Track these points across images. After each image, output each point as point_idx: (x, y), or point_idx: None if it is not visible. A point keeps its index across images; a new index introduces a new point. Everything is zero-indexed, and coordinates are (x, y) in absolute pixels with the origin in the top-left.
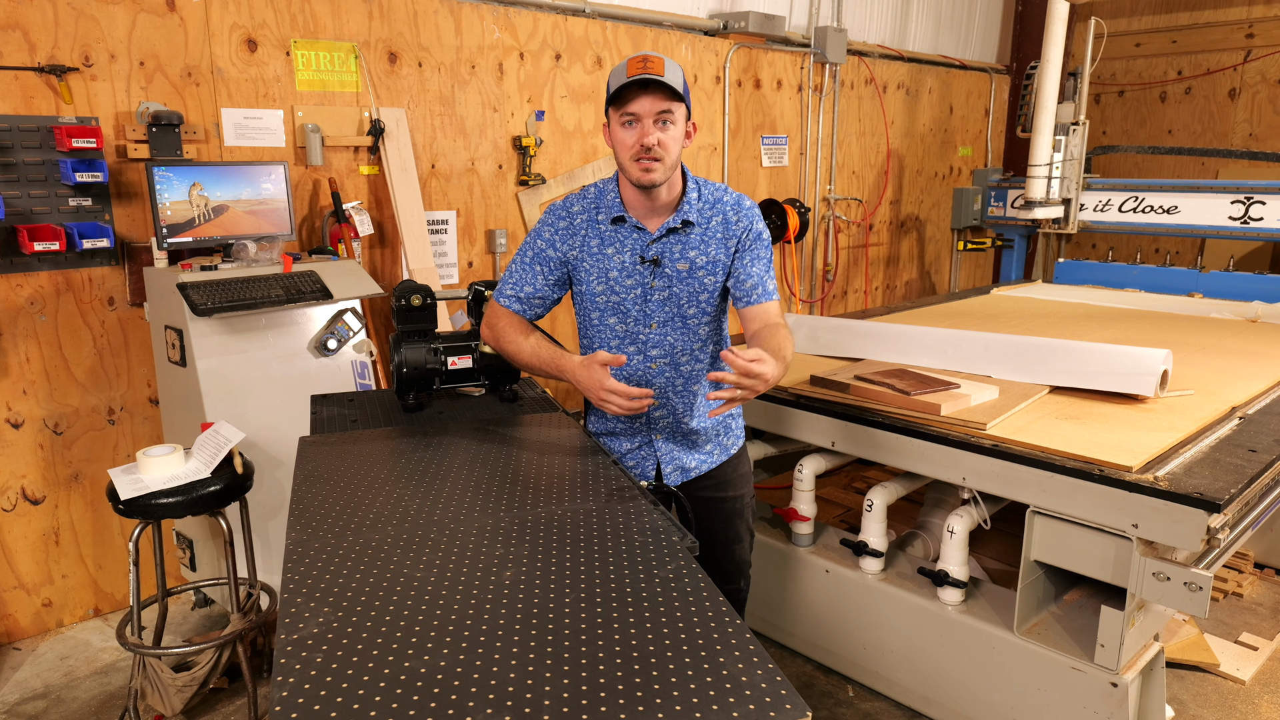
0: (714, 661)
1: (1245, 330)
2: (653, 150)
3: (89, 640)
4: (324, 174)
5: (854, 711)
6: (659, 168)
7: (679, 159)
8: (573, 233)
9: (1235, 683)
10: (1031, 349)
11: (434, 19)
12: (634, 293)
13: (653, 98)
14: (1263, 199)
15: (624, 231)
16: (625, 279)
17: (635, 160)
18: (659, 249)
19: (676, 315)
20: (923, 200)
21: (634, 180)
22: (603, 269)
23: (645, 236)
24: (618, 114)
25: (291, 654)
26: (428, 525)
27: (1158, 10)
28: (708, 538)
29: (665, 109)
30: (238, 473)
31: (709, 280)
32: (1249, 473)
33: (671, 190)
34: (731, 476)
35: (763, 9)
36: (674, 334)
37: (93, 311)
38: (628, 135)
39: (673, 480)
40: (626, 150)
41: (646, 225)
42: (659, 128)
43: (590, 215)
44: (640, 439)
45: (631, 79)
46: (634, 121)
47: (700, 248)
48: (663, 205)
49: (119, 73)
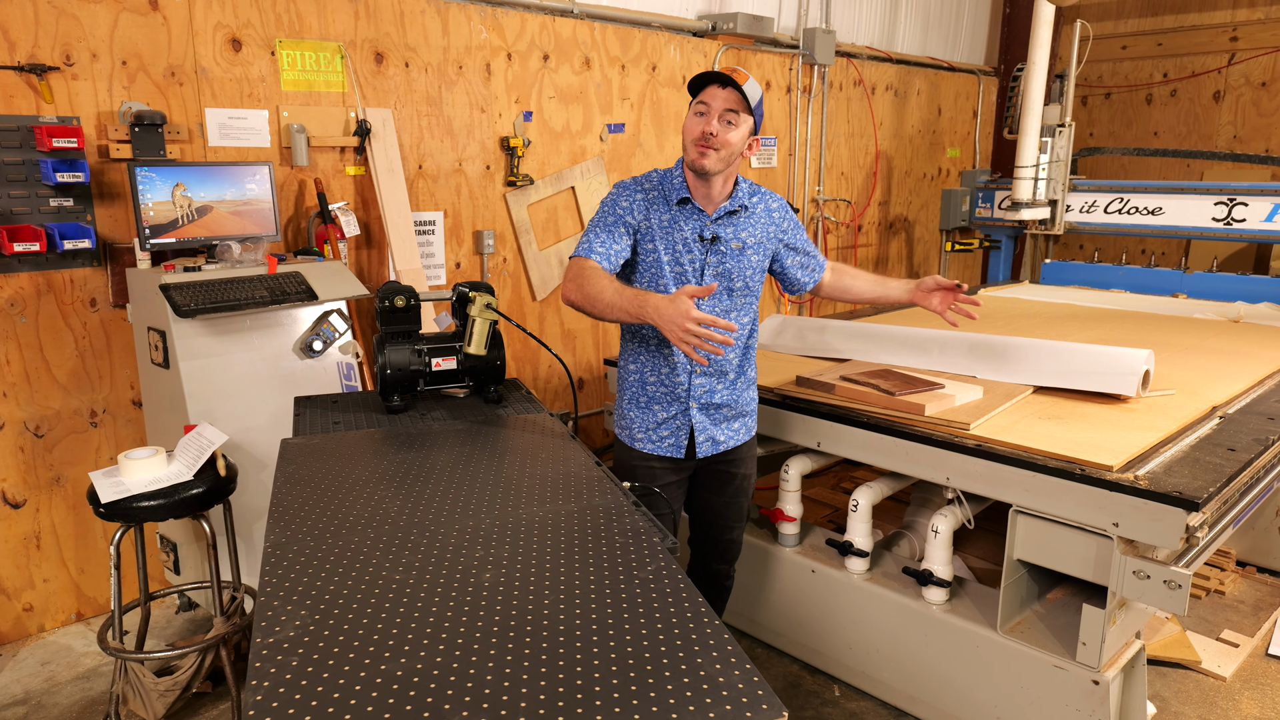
0: (692, 662)
1: (1228, 330)
2: (712, 140)
3: (70, 645)
4: (310, 174)
5: (840, 711)
6: (713, 156)
7: (736, 160)
8: (648, 205)
9: (1216, 679)
10: (1015, 349)
11: (421, 19)
12: (695, 265)
13: (728, 95)
14: (1246, 200)
15: (688, 211)
16: (686, 254)
17: (695, 143)
18: (717, 228)
19: (725, 289)
20: (911, 201)
21: (689, 162)
22: (672, 240)
23: (705, 217)
24: (694, 104)
25: (268, 657)
26: (408, 527)
27: (1143, 13)
28: (710, 513)
29: (733, 109)
30: (221, 475)
31: (755, 258)
32: (1228, 471)
33: (725, 185)
34: (745, 455)
35: (751, 10)
36: (720, 306)
37: (74, 313)
38: (696, 123)
39: (705, 451)
40: (691, 135)
41: (706, 209)
42: (723, 124)
43: (661, 193)
44: (678, 407)
45: (713, 71)
46: (705, 112)
47: (750, 229)
48: (717, 194)
49: (101, 72)
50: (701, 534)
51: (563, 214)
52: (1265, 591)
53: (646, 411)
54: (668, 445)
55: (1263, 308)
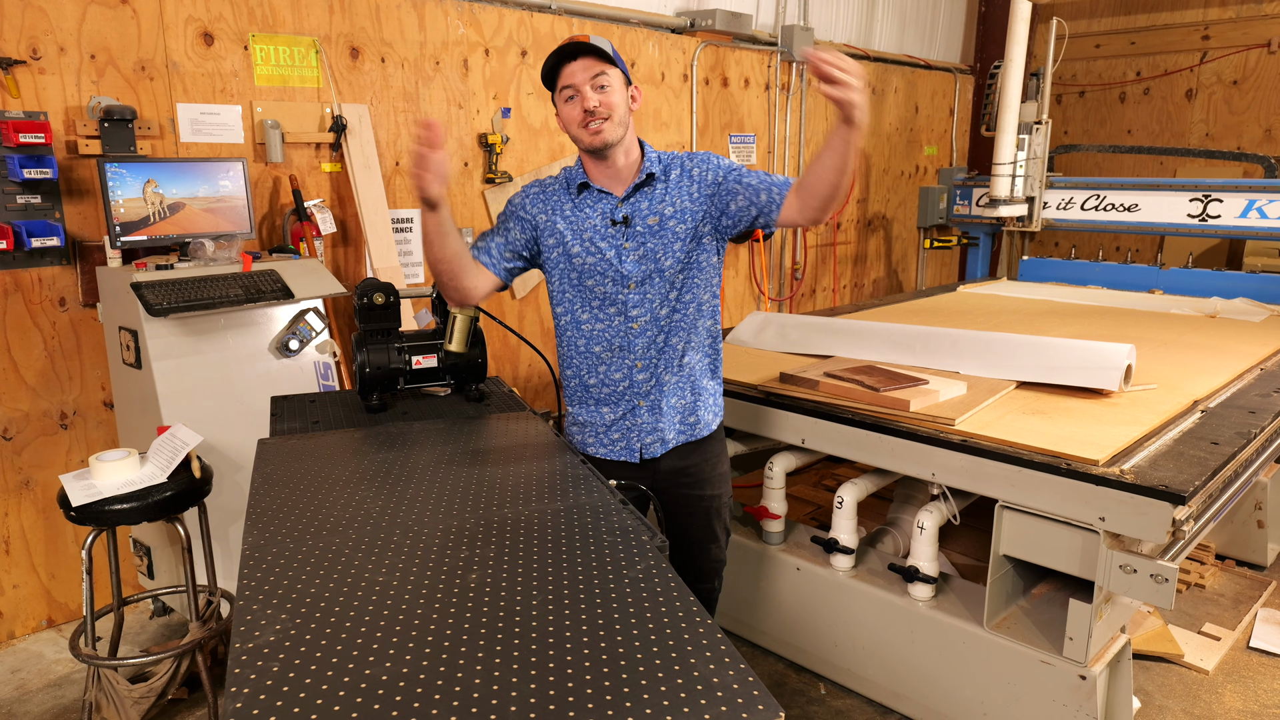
0: (685, 663)
1: (1205, 325)
2: (596, 111)
3: (42, 652)
4: (284, 171)
5: (826, 709)
6: (606, 125)
7: (628, 119)
8: (545, 198)
9: (1199, 673)
10: (998, 345)
11: (397, 14)
12: (609, 254)
13: (584, 63)
14: (1220, 197)
15: (591, 197)
16: (599, 241)
17: (584, 127)
18: (628, 208)
19: (654, 271)
20: (889, 199)
21: (587, 146)
22: (579, 230)
23: (613, 199)
24: (559, 93)
25: (247, 663)
26: (390, 528)
27: (1117, 12)
28: (683, 536)
29: (599, 71)
30: (196, 477)
31: (680, 229)
32: (1212, 465)
33: (629, 156)
34: (709, 475)
35: (729, 7)
36: (653, 289)
37: (43, 312)
38: (571, 109)
39: (654, 452)
40: (574, 121)
41: (613, 191)
42: (597, 91)
43: (562, 188)
44: (625, 406)
45: (559, 49)
46: (574, 95)
47: (666, 199)
48: (624, 171)
49: (69, 66)
50: (679, 557)
51: None
52: (1245, 585)
53: (595, 413)
54: (619, 449)
55: (1238, 303)
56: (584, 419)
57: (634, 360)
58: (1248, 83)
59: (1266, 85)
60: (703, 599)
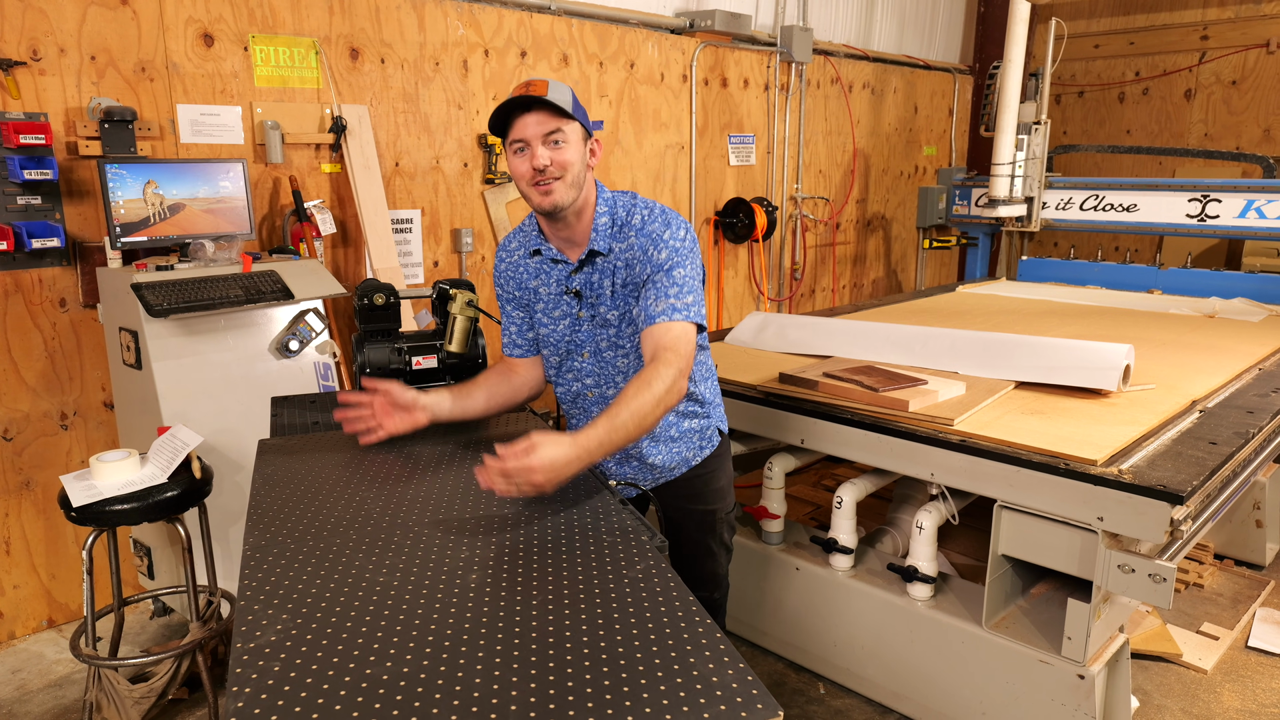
0: (684, 662)
1: (1203, 325)
2: (547, 170)
3: (42, 652)
4: (284, 172)
5: (825, 709)
6: (558, 186)
7: (583, 179)
8: (515, 270)
9: (1198, 672)
10: (997, 345)
11: (396, 15)
12: (563, 324)
13: (538, 117)
14: (1218, 197)
15: (547, 264)
16: (553, 310)
17: (533, 185)
18: (580, 280)
19: (609, 340)
20: (889, 199)
21: (536, 206)
22: (532, 303)
23: (566, 268)
24: (509, 145)
25: (248, 662)
26: (390, 528)
27: (1116, 12)
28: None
29: (554, 128)
30: (196, 477)
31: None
32: (1210, 465)
33: (583, 217)
34: (704, 490)
35: (729, 8)
36: (602, 364)
37: (43, 313)
38: (521, 163)
39: (625, 492)
40: (523, 179)
41: (568, 255)
42: (550, 148)
43: (525, 250)
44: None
45: (511, 99)
46: (524, 148)
47: (616, 270)
48: (579, 232)
49: (69, 67)
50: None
51: None
52: (1243, 584)
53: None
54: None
55: (1237, 303)
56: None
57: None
58: (1246, 83)
59: (1265, 85)
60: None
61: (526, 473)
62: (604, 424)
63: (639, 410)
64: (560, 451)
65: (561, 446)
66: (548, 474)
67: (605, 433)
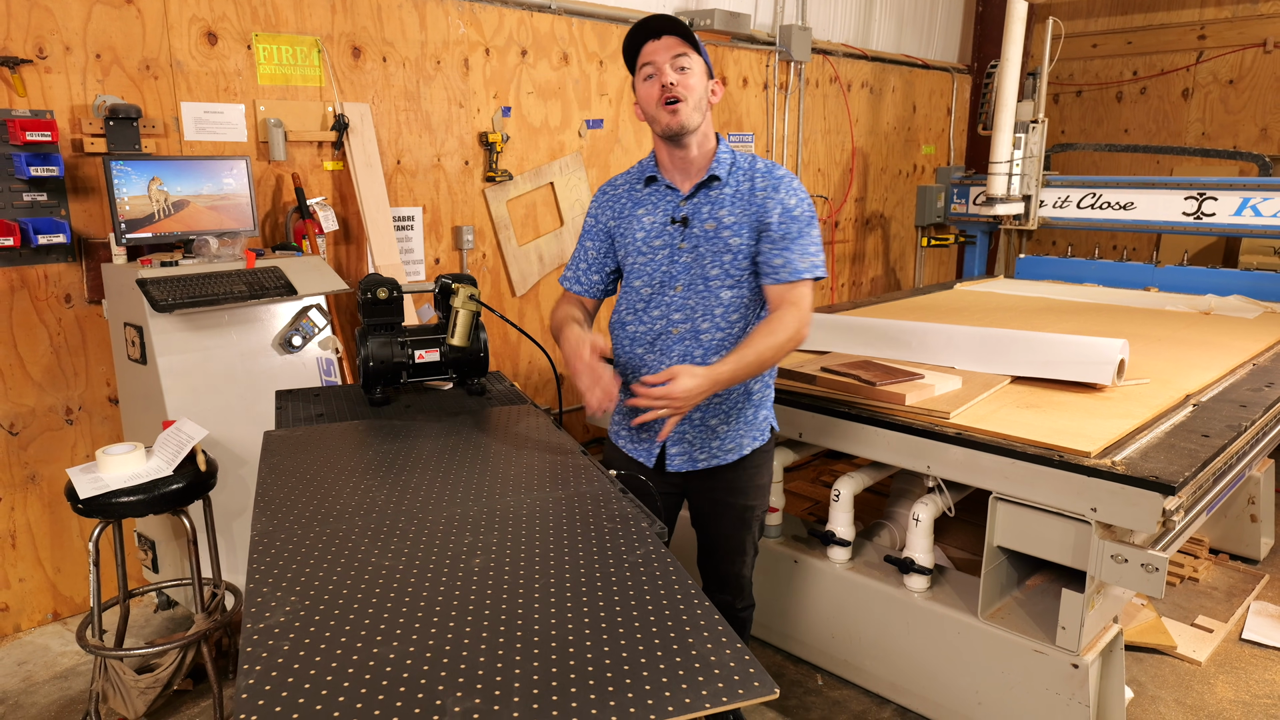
0: (684, 642)
1: (1199, 322)
2: (674, 88)
3: (48, 645)
4: (287, 169)
5: (823, 700)
6: (683, 107)
7: (705, 106)
8: (614, 201)
9: (1192, 664)
10: (993, 340)
11: (398, 13)
12: (661, 253)
13: (666, 43)
14: (1215, 195)
15: (658, 192)
16: (654, 239)
17: (659, 105)
18: (690, 208)
19: (700, 278)
20: (887, 198)
21: (663, 128)
22: (633, 231)
23: (677, 196)
24: (638, 72)
25: (258, 643)
26: (395, 515)
27: (1113, 12)
28: (708, 540)
29: (680, 52)
30: (201, 470)
31: (734, 241)
32: (1202, 456)
33: (703, 146)
34: (746, 484)
35: (728, 7)
36: (695, 298)
37: (49, 309)
38: (650, 87)
39: (675, 465)
40: (651, 101)
41: (680, 187)
42: (677, 71)
43: (630, 184)
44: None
45: (641, 23)
46: (653, 74)
47: (729, 207)
48: (696, 163)
49: (74, 65)
50: (703, 561)
51: (542, 210)
52: (1238, 578)
53: (630, 411)
54: (642, 450)
55: (1233, 300)
56: (622, 406)
57: (669, 364)
58: (1244, 82)
59: (1262, 84)
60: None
61: (669, 398)
62: (733, 360)
63: (763, 351)
64: (695, 382)
65: (696, 378)
66: (684, 399)
67: (733, 368)
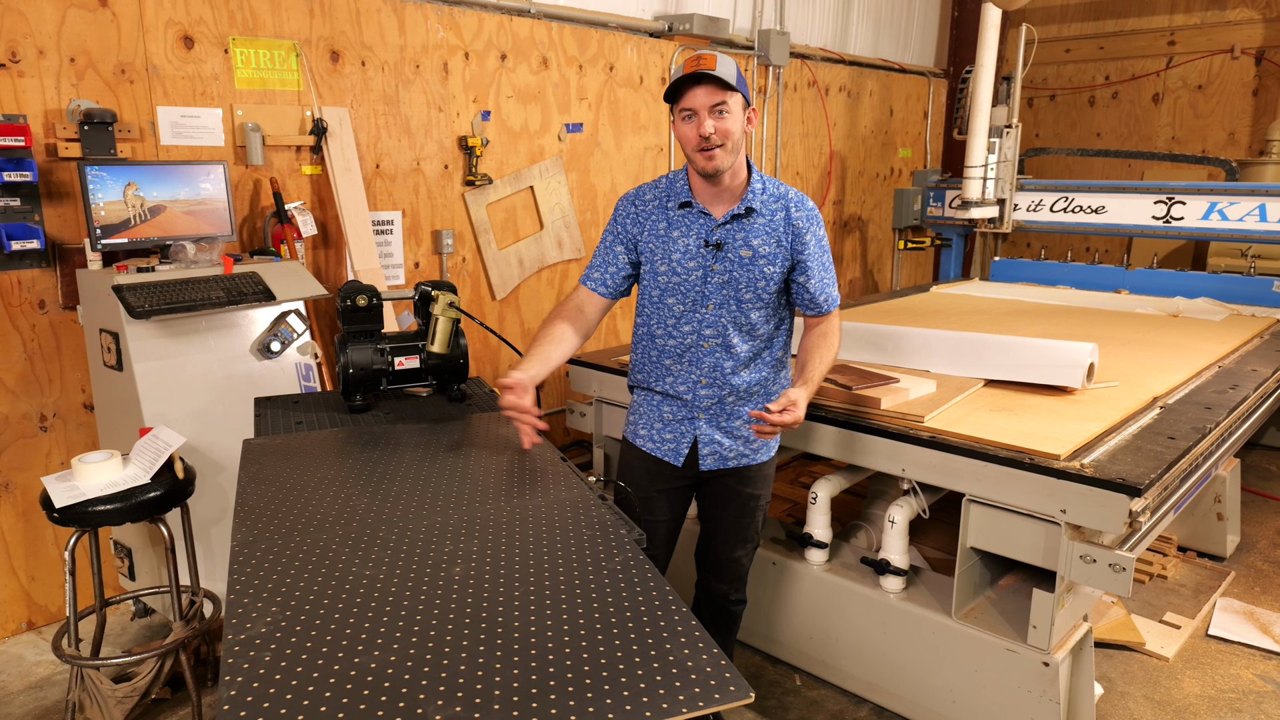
0: (661, 648)
1: (1168, 324)
2: (711, 139)
3: (22, 654)
4: (265, 174)
5: (801, 699)
6: (720, 154)
7: (741, 145)
8: (643, 217)
9: (1160, 660)
10: (967, 344)
11: (377, 17)
12: (695, 274)
13: (707, 90)
14: (1184, 200)
15: (691, 216)
16: (688, 261)
17: (699, 151)
18: (723, 234)
19: (733, 298)
20: (865, 200)
21: (700, 169)
22: (666, 251)
23: (711, 221)
24: (678, 110)
25: (240, 654)
26: (376, 524)
27: (1086, 18)
28: (711, 526)
29: (719, 101)
30: (179, 478)
31: (768, 269)
32: (1168, 459)
33: (736, 178)
34: (757, 474)
35: (707, 11)
36: (728, 316)
37: (22, 315)
38: (688, 129)
39: (707, 465)
40: (689, 143)
41: (712, 211)
42: (715, 117)
43: (660, 201)
44: (684, 413)
45: (685, 75)
46: (692, 116)
47: (763, 236)
48: (728, 192)
49: (48, 69)
50: (703, 547)
51: (522, 213)
52: (1205, 575)
53: (655, 410)
54: (668, 450)
55: (1201, 302)
56: (644, 409)
57: (699, 376)
58: (1212, 87)
59: (1230, 90)
60: (722, 607)
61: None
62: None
63: (825, 368)
64: (805, 399)
65: (805, 395)
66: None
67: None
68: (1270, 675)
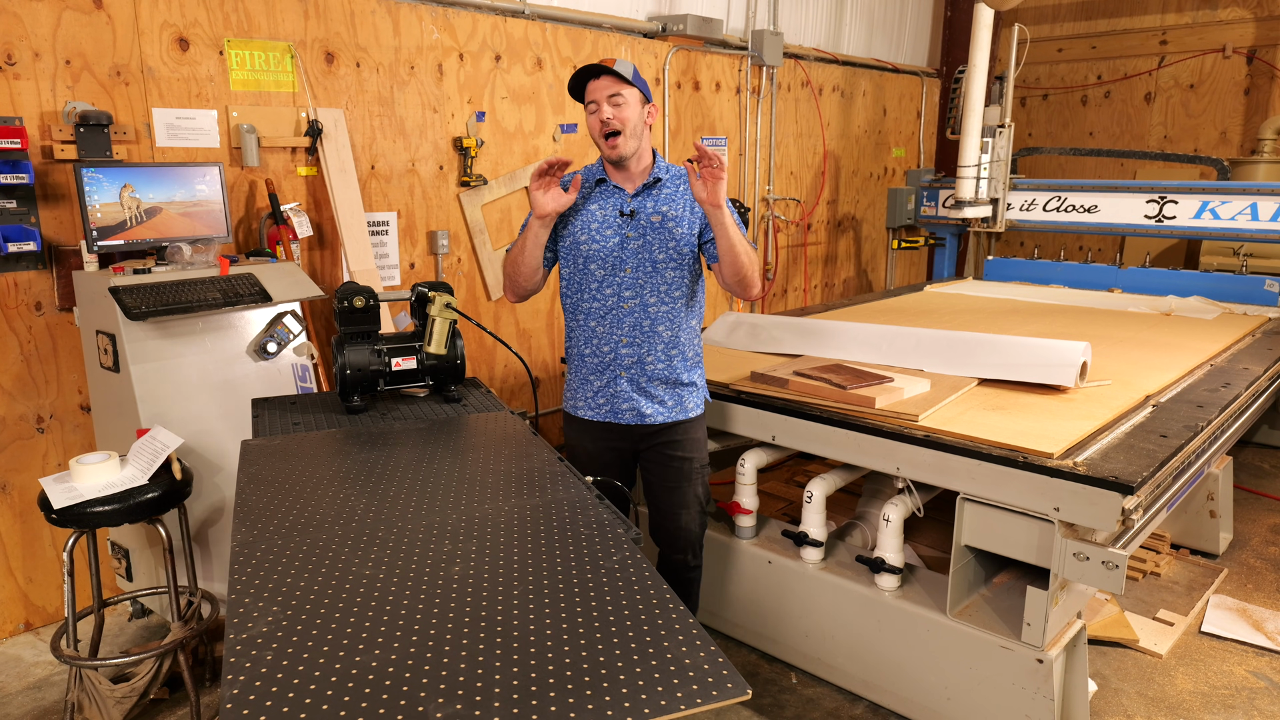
0: (658, 645)
1: (1160, 323)
2: (610, 123)
3: (20, 655)
4: (260, 175)
5: (797, 697)
6: (620, 141)
7: (642, 133)
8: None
9: (1153, 657)
10: (961, 343)
11: (371, 19)
12: (612, 241)
13: (604, 82)
14: (1176, 199)
15: (607, 190)
16: (605, 229)
17: (603, 138)
18: (636, 204)
19: (648, 261)
20: (859, 200)
21: (606, 156)
22: (586, 221)
23: (624, 195)
24: (586, 106)
25: (241, 653)
26: (375, 524)
27: (1078, 17)
28: (655, 496)
29: (615, 91)
30: (176, 479)
31: (677, 230)
32: (1160, 457)
33: (641, 162)
34: (684, 438)
35: (701, 12)
36: (644, 277)
37: (19, 317)
38: (593, 120)
39: (628, 420)
40: (594, 131)
41: (625, 188)
42: (613, 106)
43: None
44: (608, 375)
45: (583, 68)
46: (594, 109)
47: (670, 203)
48: (636, 175)
49: (44, 71)
50: (655, 522)
51: (516, 214)
52: (1198, 572)
53: (585, 382)
54: (603, 411)
55: (1193, 301)
56: (577, 385)
57: (620, 335)
58: (1204, 86)
59: (1221, 89)
60: (680, 575)
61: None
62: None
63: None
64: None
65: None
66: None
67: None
68: (1263, 672)
